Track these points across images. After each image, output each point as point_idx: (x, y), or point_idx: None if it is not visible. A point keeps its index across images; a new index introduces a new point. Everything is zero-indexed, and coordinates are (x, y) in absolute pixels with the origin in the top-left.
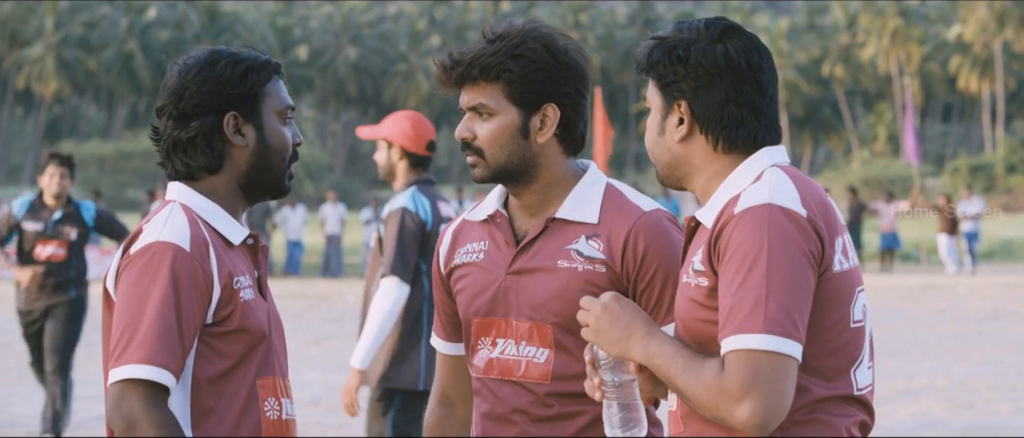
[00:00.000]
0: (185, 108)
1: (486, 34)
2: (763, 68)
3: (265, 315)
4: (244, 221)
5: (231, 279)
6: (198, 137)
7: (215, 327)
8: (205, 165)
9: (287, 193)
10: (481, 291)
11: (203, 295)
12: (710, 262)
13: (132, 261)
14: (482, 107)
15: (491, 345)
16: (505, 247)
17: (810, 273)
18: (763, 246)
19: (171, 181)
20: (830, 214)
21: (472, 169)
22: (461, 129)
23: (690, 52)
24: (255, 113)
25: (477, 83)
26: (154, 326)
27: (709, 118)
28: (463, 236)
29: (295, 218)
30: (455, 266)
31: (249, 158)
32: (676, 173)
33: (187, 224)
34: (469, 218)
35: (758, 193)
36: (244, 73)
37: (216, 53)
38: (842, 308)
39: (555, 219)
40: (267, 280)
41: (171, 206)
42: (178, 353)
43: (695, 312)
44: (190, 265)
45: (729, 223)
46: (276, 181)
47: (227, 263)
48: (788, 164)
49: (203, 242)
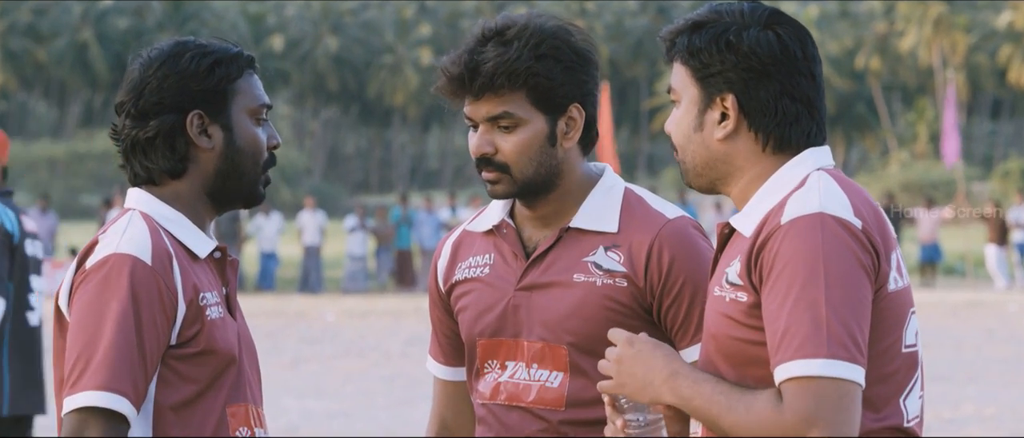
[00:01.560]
0: (145, 105)
1: (487, 33)
2: (815, 58)
3: (235, 336)
4: (211, 232)
5: (197, 295)
6: (158, 137)
7: (180, 349)
8: (166, 169)
9: (261, 201)
10: (487, 309)
11: (167, 313)
12: (749, 277)
13: (87, 276)
14: (507, 117)
15: (499, 368)
16: (514, 260)
17: (868, 288)
18: (818, 260)
19: (131, 186)
20: (884, 226)
21: (493, 186)
22: (480, 144)
23: (742, 38)
24: (223, 112)
25: (499, 92)
26: (112, 348)
27: (760, 113)
28: (464, 249)
29: (269, 227)
30: (456, 282)
31: (216, 162)
32: (711, 174)
33: (148, 234)
34: (471, 229)
35: (807, 201)
36: (211, 67)
37: (182, 45)
38: (895, 331)
39: (570, 229)
40: (237, 298)
41: (130, 214)
42: (140, 378)
43: (730, 329)
44: (152, 280)
45: (775, 235)
46: (248, 188)
47: (192, 277)
48: (833, 167)
49: (166, 254)
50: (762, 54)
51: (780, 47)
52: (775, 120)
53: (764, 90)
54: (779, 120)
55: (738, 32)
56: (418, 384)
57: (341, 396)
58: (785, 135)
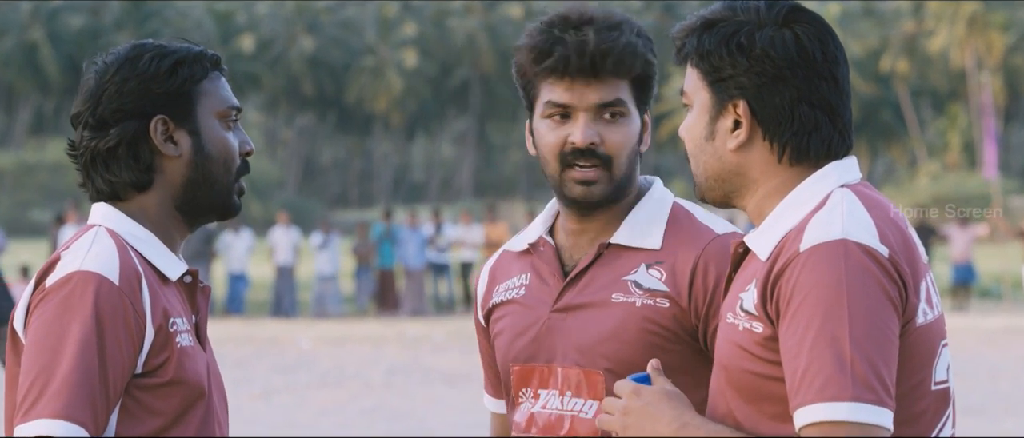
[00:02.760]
0: (103, 113)
1: (587, 17)
2: (839, 59)
3: (205, 368)
4: (182, 253)
5: (167, 320)
6: (120, 147)
7: (146, 378)
8: (131, 181)
9: (236, 212)
10: (521, 333)
11: (133, 338)
12: (765, 307)
13: (47, 295)
14: (619, 105)
15: (533, 397)
16: (551, 279)
17: (896, 322)
18: (841, 292)
19: (94, 202)
20: (913, 252)
21: (589, 187)
22: (586, 133)
23: (755, 39)
24: (189, 116)
25: (619, 77)
26: (72, 373)
27: (776, 121)
28: (502, 270)
29: (238, 245)
30: (494, 306)
31: (184, 170)
32: (724, 187)
33: (115, 251)
34: (510, 249)
35: (828, 225)
36: (173, 68)
37: (140, 47)
38: (925, 368)
39: (610, 245)
40: (206, 327)
41: (95, 230)
42: (100, 407)
43: (743, 361)
44: (118, 301)
45: (793, 263)
46: (221, 198)
47: (162, 302)
48: (859, 180)
49: (134, 273)
50: (776, 56)
51: (797, 48)
52: (791, 129)
53: (779, 96)
54: (796, 129)
55: (750, 32)
56: (401, 417)
57: (317, 430)
58: (803, 145)
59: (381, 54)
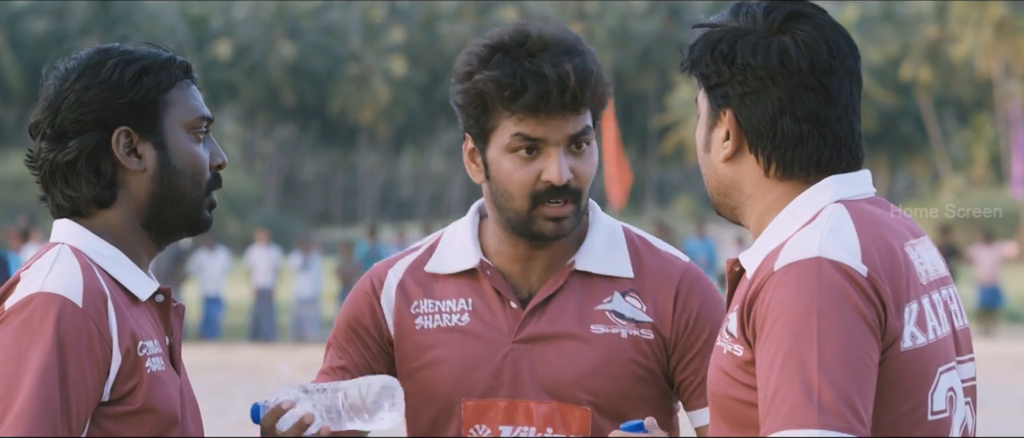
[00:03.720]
0: (62, 124)
1: (548, 40)
2: (833, 69)
3: (177, 393)
4: (151, 271)
5: (135, 344)
6: (80, 161)
7: (113, 405)
8: (93, 197)
9: (207, 227)
10: (474, 365)
11: (98, 363)
12: (744, 329)
13: (6, 318)
14: (587, 134)
15: (492, 435)
16: (504, 308)
17: (873, 345)
18: (811, 312)
19: (56, 219)
20: (900, 271)
21: (560, 223)
22: (564, 170)
23: (736, 48)
24: (155, 128)
25: (588, 107)
26: (33, 400)
27: (758, 133)
28: (423, 291)
29: (213, 265)
30: (419, 330)
31: (149, 185)
32: (727, 202)
33: (79, 271)
34: (432, 269)
35: (806, 243)
36: (137, 76)
37: (103, 52)
38: (915, 394)
39: (576, 272)
40: (181, 349)
41: (58, 249)
42: (62, 436)
43: (727, 387)
44: (82, 324)
45: (768, 283)
46: (189, 214)
47: (130, 324)
48: (867, 196)
49: (100, 295)
50: (756, 65)
51: (781, 57)
52: (775, 142)
53: (761, 106)
54: (779, 142)
55: (733, 40)
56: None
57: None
58: (787, 159)
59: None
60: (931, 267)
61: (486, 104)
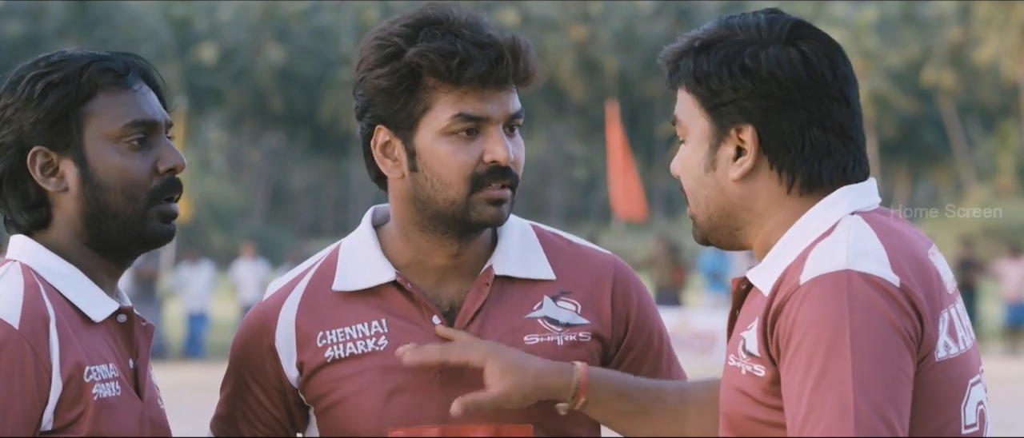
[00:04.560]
0: None
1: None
2: (849, 78)
3: (137, 420)
4: (119, 289)
5: (80, 370)
6: (4, 184)
7: (58, 433)
8: (28, 220)
9: (163, 239)
10: (398, 390)
11: (33, 391)
12: (767, 347)
13: None
14: (520, 117)
15: None
16: (429, 325)
17: (908, 359)
18: (843, 327)
19: (12, 235)
20: (931, 279)
21: (500, 207)
22: (509, 148)
23: (760, 60)
24: (71, 143)
25: (523, 84)
26: None
27: (784, 148)
28: (327, 318)
29: (197, 280)
30: (324, 365)
31: (77, 205)
32: (729, 223)
33: (21, 291)
34: (339, 288)
35: (832, 255)
36: (44, 92)
37: (26, 67)
38: (949, 408)
39: (497, 278)
40: (148, 372)
41: (7, 266)
42: None
43: (746, 408)
44: (16, 349)
45: (793, 297)
46: (132, 228)
47: (76, 348)
48: (876, 206)
49: (40, 318)
50: (783, 77)
51: (806, 68)
52: (802, 155)
53: (788, 120)
54: (807, 155)
55: (754, 52)
56: None
57: None
58: (815, 172)
59: None
60: (949, 279)
61: (419, 83)
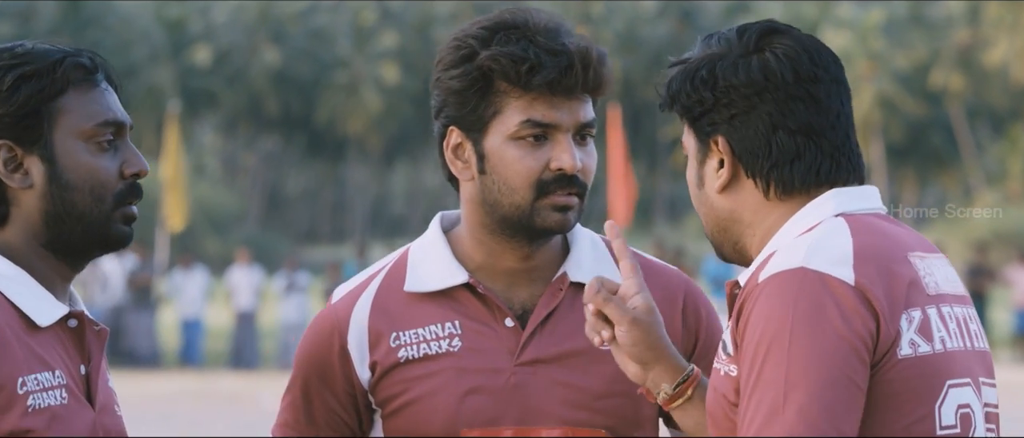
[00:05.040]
0: None
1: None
2: (818, 77)
3: (88, 428)
4: (72, 293)
5: (14, 379)
6: None
7: None
8: None
9: (124, 242)
10: (472, 391)
11: None
12: (736, 346)
13: None
14: (593, 125)
15: None
16: (500, 328)
17: (854, 361)
18: (785, 327)
19: None
20: (897, 278)
21: (566, 214)
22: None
23: (716, 71)
24: (40, 140)
25: (597, 93)
26: None
27: (753, 154)
28: (400, 319)
29: (191, 286)
30: (397, 365)
31: (40, 204)
32: (727, 237)
33: None
34: (411, 289)
35: (792, 254)
36: (15, 85)
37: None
38: (919, 407)
39: (572, 284)
40: (102, 377)
41: None
42: None
43: (726, 408)
44: None
45: (751, 295)
46: (95, 231)
47: (13, 355)
48: (875, 211)
49: None
50: (739, 84)
51: (764, 73)
52: (771, 160)
53: (752, 127)
54: (776, 159)
55: (712, 63)
56: None
57: None
58: (786, 176)
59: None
60: (942, 281)
61: (491, 86)
